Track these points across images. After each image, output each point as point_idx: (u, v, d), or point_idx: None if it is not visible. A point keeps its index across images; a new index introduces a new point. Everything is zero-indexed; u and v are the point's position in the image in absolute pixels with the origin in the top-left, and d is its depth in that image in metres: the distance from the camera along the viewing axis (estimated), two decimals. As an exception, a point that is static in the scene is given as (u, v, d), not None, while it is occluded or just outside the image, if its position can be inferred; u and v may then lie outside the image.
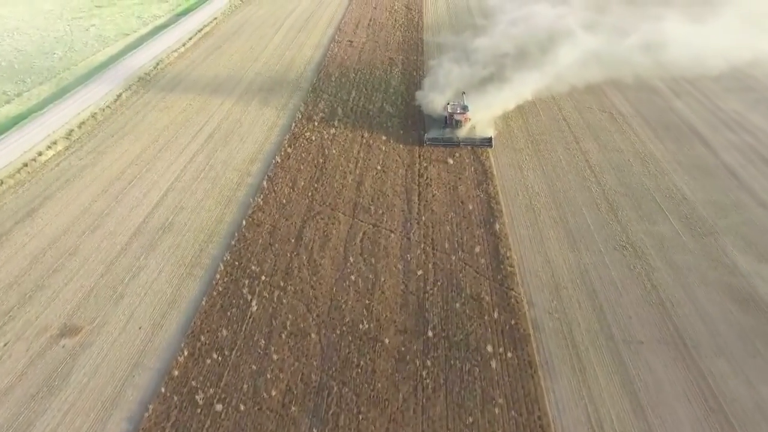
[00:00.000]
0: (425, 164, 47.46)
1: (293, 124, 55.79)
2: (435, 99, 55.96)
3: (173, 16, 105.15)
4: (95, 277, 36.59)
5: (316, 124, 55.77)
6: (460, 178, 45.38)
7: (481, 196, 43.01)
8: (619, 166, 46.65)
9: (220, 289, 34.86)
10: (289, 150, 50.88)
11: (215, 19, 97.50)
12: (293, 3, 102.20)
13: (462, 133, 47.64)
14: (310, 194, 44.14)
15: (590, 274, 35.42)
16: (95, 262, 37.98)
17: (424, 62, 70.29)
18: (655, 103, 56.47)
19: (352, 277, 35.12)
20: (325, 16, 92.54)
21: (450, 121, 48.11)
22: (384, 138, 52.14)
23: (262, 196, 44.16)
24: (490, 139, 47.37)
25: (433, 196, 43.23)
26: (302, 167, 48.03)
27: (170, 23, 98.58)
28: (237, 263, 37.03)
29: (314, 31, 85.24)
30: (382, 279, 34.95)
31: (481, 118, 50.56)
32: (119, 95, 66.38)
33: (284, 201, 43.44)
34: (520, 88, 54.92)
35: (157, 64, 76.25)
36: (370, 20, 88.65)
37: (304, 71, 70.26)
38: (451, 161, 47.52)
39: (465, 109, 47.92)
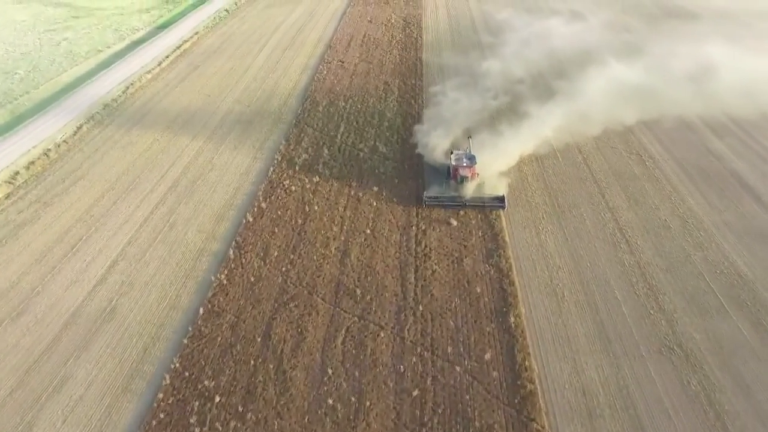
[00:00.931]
0: (423, 226, 39.84)
1: (271, 169, 48.14)
2: (437, 139, 48.26)
3: (153, 28, 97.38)
4: (2, 393, 29.02)
5: (297, 169, 48.12)
6: (465, 247, 37.76)
7: (492, 273, 35.40)
8: (655, 228, 39.04)
9: (162, 415, 27.29)
10: (263, 205, 43.24)
11: (196, 33, 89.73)
12: (281, 16, 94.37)
13: (468, 191, 39.87)
14: (284, 269, 36.52)
15: (632, 393, 27.86)
16: (8, 369, 30.41)
17: (424, 88, 62.55)
18: (691, 144, 48.78)
19: (330, 401, 27.53)
20: (315, 32, 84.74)
21: (454, 176, 40.25)
22: (375, 189, 44.47)
23: (226, 272, 36.55)
24: (503, 198, 39.60)
25: (433, 272, 35.62)
26: (277, 229, 40.40)
27: (149, 37, 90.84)
28: (187, 374, 29.45)
29: (302, 50, 77.46)
30: (368, 403, 27.35)
31: (493, 167, 42.79)
32: (79, 127, 58.74)
33: (253, 279, 35.82)
34: (540, 128, 47.05)
35: (127, 88, 68.57)
36: (364, 36, 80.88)
37: (288, 99, 62.55)
38: (454, 222, 39.87)
39: (472, 160, 40.03)
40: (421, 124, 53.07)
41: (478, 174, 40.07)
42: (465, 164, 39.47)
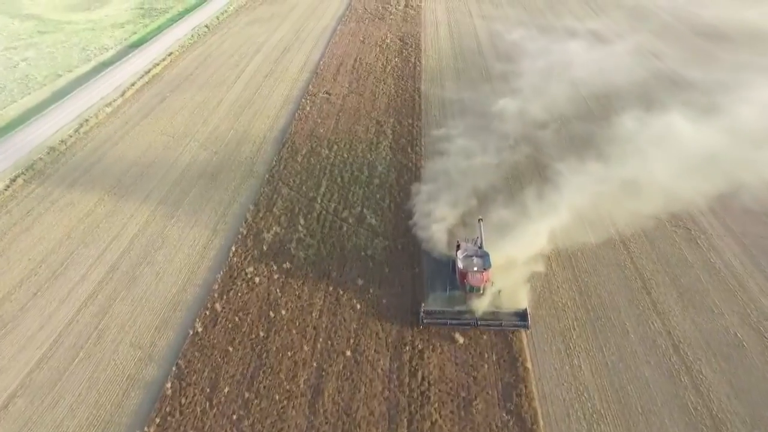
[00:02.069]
0: (420, 345, 30.64)
1: (233, 249, 38.93)
2: (441, 208, 39.03)
3: (124, 47, 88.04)
4: None
5: (264, 249, 38.89)
6: (475, 379, 28.61)
7: (511, 424, 26.27)
8: (723, 348, 29.92)
9: None
10: (218, 306, 34.06)
11: (170, 54, 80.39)
12: (264, 35, 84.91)
13: (480, 304, 30.53)
14: (235, 416, 27.38)
15: None
16: None
17: (424, 131, 53.24)
18: (754, 216, 39.54)
19: None
20: (300, 55, 75.30)
21: (461, 281, 30.85)
22: (360, 283, 35.26)
23: (159, 420, 27.43)
24: (526, 314, 30.24)
25: (434, 424, 26.50)
26: (232, 347, 31.22)
27: (117, 59, 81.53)
28: None
29: (284, 77, 68.08)
30: None
31: (511, 256, 33.42)
32: (13, 180, 49.63)
33: (190, 434, 26.74)
34: (574, 197, 37.75)
35: (81, 125, 59.38)
36: (356, 60, 71.49)
37: (262, 144, 53.25)
38: (460, 339, 30.70)
39: (485, 260, 30.59)
40: (420, 184, 43.91)
41: (492, 282, 30.70)
42: (475, 268, 30.10)
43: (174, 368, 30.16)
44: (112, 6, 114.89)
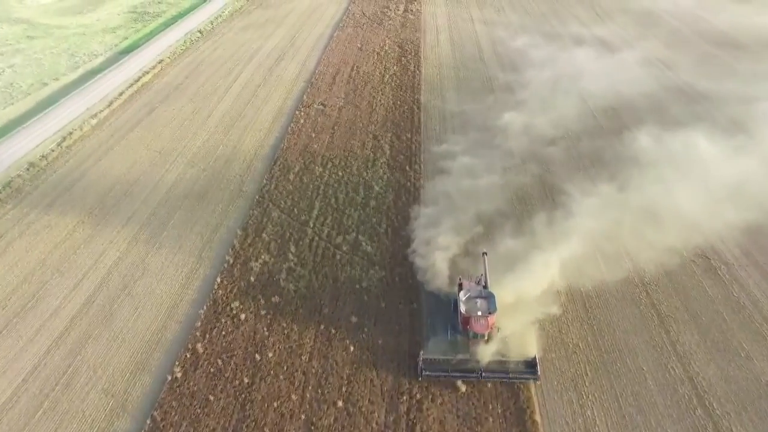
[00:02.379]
0: (419, 395, 27.91)
1: (218, 280, 36.19)
2: (444, 236, 36.23)
3: (114, 54, 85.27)
4: None
5: (252, 280, 36.16)
6: (480, 436, 25.91)
7: (521, 496, 23.57)
8: (753, 399, 27.23)
9: None
10: (199, 347, 31.32)
11: (161, 62, 77.61)
12: (259, 41, 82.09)
13: (485, 352, 27.75)
14: (213, 481, 24.71)
15: None
16: None
17: (423, 146, 50.51)
18: (776, 245, 36.84)
19: None
20: (295, 63, 72.50)
21: (464, 326, 28.05)
22: (354, 320, 32.54)
23: (127, 486, 24.77)
24: (535, 364, 27.42)
25: (434, 490, 23.81)
26: (213, 397, 28.49)
27: (106, 66, 78.72)
28: None
29: (278, 86, 65.31)
30: None
31: (519, 301, 30.52)
32: (-10, 200, 46.96)
33: (162, 504, 24.03)
34: (586, 225, 34.93)
35: (64, 138, 56.68)
36: (353, 68, 68.72)
37: (253, 161, 50.52)
38: (463, 388, 27.96)
39: (490, 302, 27.79)
40: (419, 206, 41.21)
41: (498, 328, 27.91)
42: (479, 312, 27.35)
43: (149, 421, 27.44)
44: (104, 10, 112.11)
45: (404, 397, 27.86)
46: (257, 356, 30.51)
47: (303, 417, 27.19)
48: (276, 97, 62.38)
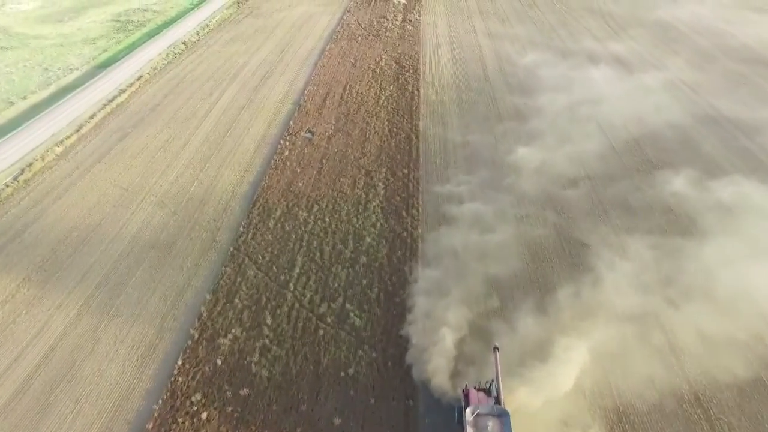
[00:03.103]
0: None
1: (179, 363, 30.56)
2: (449, 312, 30.48)
3: (92, 68, 79.46)
4: None
5: (219, 363, 30.48)
6: None
7: None
8: None
9: None
10: (147, 462, 25.70)
11: (140, 78, 71.87)
12: (245, 56, 76.24)
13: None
14: None
15: None
16: None
17: (423, 185, 44.78)
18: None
19: None
20: (283, 81, 66.67)
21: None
22: (338, 422, 26.86)
23: None
24: None
25: None
26: None
27: (81, 82, 72.93)
28: None
29: (263, 110, 59.54)
30: None
31: (536, 411, 24.74)
32: (-71, 250, 41.25)
33: None
34: (618, 303, 28.95)
35: (23, 171, 51.00)
36: (345, 88, 62.91)
37: (230, 201, 44.82)
38: None
39: (501, 425, 22.09)
40: (417, 264, 35.59)
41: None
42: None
43: None
44: (86, 17, 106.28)
45: None
46: (217, 478, 24.88)
47: None
48: (260, 123, 56.58)
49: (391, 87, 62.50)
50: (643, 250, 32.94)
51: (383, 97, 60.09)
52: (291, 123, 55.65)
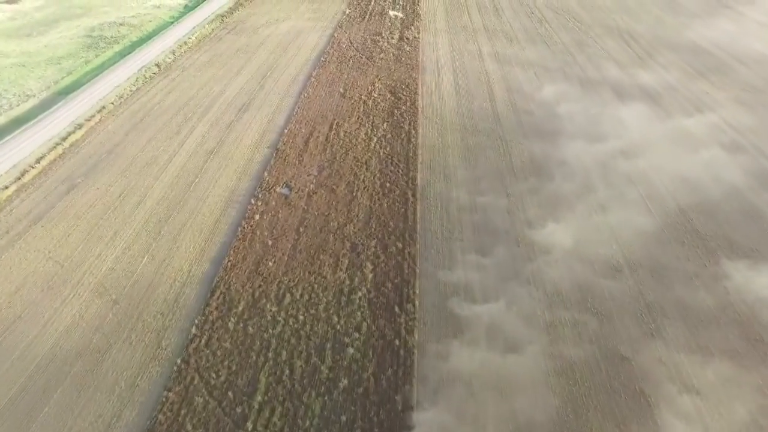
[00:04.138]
0: None
1: None
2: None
3: (51, 95, 71.04)
4: None
5: None
6: None
7: None
8: None
9: None
10: None
11: (102, 109, 63.47)
12: (223, 81, 67.78)
13: None
14: None
15: None
16: None
17: (421, 267, 36.38)
18: None
19: None
20: (261, 115, 58.21)
21: None
22: None
23: None
24: None
25: None
26: None
27: (35, 114, 64.42)
28: None
29: (235, 155, 51.07)
30: None
31: None
32: None
33: None
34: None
35: (-56, 236, 42.64)
36: (332, 127, 54.48)
37: (185, 287, 36.44)
38: None
39: None
40: (415, 395, 27.32)
41: None
42: None
43: None
44: (56, 32, 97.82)
45: None
46: None
47: None
48: (229, 174, 48.15)
49: (385, 125, 54.06)
50: (718, 386, 24.69)
51: (375, 139, 51.68)
52: (266, 174, 47.23)
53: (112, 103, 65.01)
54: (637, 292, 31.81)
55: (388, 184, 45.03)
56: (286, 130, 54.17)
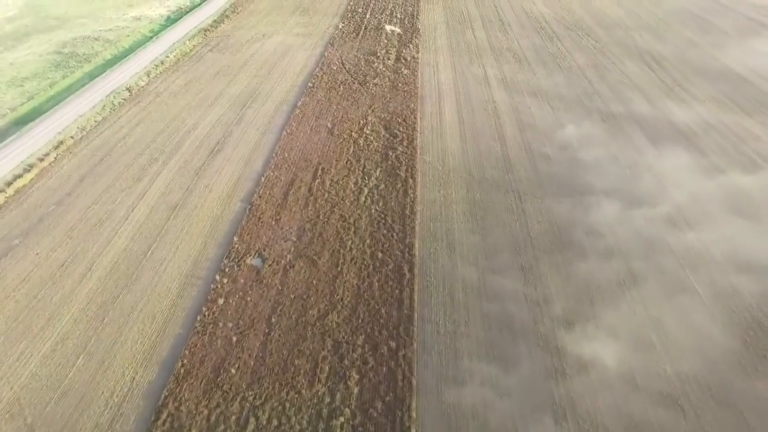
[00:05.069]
0: None
1: None
2: None
3: (6, 125, 63.42)
4: None
5: None
6: None
7: None
8: None
9: None
10: None
11: (59, 144, 56.14)
12: (197, 113, 60.23)
13: None
14: None
15: None
16: None
17: (419, 374, 29.01)
18: None
19: None
20: (237, 156, 50.69)
21: None
22: None
23: None
24: None
25: None
26: None
27: (-16, 150, 57.09)
28: None
29: (202, 211, 43.55)
30: None
31: None
32: None
33: None
34: None
35: None
36: (317, 173, 47.02)
37: (124, 403, 28.90)
38: None
39: None
40: None
41: None
42: None
43: None
44: (25, 47, 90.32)
45: None
46: None
47: None
48: (194, 237, 40.69)
49: (378, 172, 46.61)
50: None
51: (366, 191, 44.24)
52: (236, 239, 39.78)
53: (72, 137, 57.61)
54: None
55: (380, 254, 37.61)
56: (263, 178, 46.70)
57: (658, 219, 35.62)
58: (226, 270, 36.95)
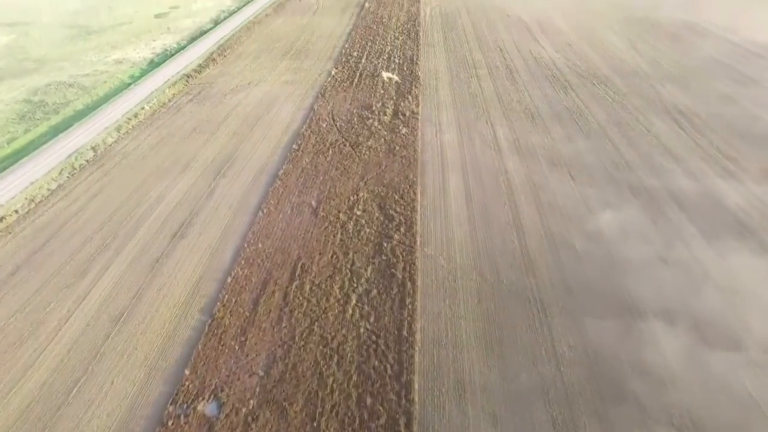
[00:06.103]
0: None
1: None
2: None
3: (-49, 191, 55.82)
4: None
5: None
6: None
7: None
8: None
9: None
10: None
11: (1, 219, 48.23)
12: (168, 177, 52.58)
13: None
14: None
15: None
16: None
17: None
18: None
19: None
20: (203, 244, 42.50)
21: None
22: None
23: None
24: None
25: None
26: None
27: None
28: None
29: (149, 328, 35.06)
30: None
31: None
32: None
33: None
34: None
35: None
36: (295, 272, 38.70)
37: None
38: None
39: None
40: None
41: None
42: None
43: None
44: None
45: None
46: None
47: None
48: (135, 367, 32.18)
49: (370, 270, 38.35)
50: None
51: (355, 299, 35.91)
52: (187, 372, 31.27)
53: (17, 212, 49.76)
54: None
55: (368, 400, 29.07)
56: (230, 277, 38.41)
57: (746, 365, 26.98)
58: (170, 424, 28.34)
